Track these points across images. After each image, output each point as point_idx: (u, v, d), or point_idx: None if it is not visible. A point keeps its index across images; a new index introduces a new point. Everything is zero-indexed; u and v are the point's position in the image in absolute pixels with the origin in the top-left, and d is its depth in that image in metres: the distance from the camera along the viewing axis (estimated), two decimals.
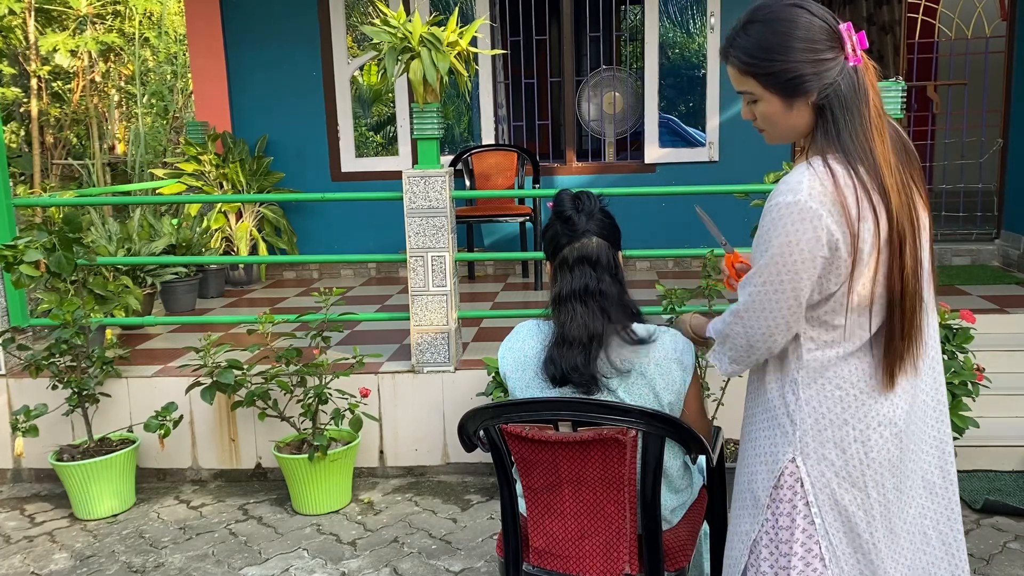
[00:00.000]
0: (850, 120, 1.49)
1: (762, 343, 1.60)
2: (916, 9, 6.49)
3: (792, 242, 1.48)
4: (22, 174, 9.55)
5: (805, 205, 1.47)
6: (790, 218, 1.48)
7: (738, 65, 1.56)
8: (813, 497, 1.59)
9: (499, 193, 4.93)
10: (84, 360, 3.77)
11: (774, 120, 1.58)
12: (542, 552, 1.99)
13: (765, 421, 1.67)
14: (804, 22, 1.50)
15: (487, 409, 1.94)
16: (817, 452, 1.59)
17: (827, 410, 1.59)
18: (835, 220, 1.47)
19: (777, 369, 1.65)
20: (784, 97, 1.53)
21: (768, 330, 1.58)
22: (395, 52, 3.70)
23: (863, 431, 1.58)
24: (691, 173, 6.10)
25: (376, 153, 8.18)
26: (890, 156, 1.51)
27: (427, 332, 3.89)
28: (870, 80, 1.53)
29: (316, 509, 3.64)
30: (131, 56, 10.06)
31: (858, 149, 1.49)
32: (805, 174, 1.49)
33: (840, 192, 1.47)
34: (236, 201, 5.90)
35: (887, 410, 1.59)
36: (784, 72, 1.51)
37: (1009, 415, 3.88)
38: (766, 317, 1.57)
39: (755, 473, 1.68)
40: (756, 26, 1.53)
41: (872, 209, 1.47)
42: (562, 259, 1.98)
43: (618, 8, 7.50)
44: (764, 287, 1.54)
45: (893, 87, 3.48)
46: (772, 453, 1.64)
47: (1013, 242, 5.77)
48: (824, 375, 1.59)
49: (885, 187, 1.48)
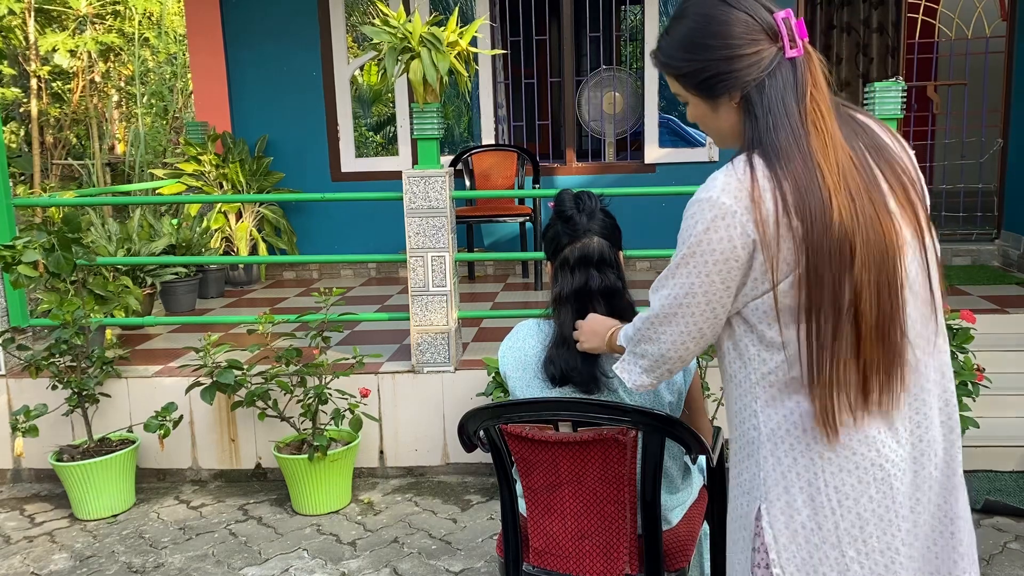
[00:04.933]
0: (774, 116, 1.34)
1: (674, 352, 1.47)
2: (916, 9, 6.49)
3: (703, 241, 1.35)
4: (22, 174, 9.55)
5: (717, 201, 1.33)
6: (701, 216, 1.35)
7: (660, 66, 1.46)
8: (776, 555, 1.37)
9: (499, 193, 4.93)
10: (84, 360, 3.77)
11: (704, 122, 1.47)
12: (542, 552, 1.99)
13: (736, 456, 1.49)
14: (720, 17, 1.36)
15: (487, 409, 1.94)
16: (782, 500, 1.37)
17: (790, 447, 1.37)
18: (751, 219, 1.31)
19: (739, 399, 1.45)
20: (705, 98, 1.42)
21: (680, 338, 1.44)
22: (395, 52, 3.70)
23: (835, 474, 1.34)
24: (691, 173, 6.10)
25: (376, 153, 8.18)
26: (835, 155, 1.32)
27: (427, 332, 3.89)
28: (812, 73, 1.36)
29: (316, 509, 3.64)
30: (131, 56, 10.06)
31: (786, 145, 1.32)
32: (722, 171, 1.36)
33: (756, 188, 1.31)
34: (236, 201, 5.90)
35: (866, 449, 1.34)
36: (699, 72, 1.39)
37: (1009, 415, 3.88)
38: (678, 323, 1.43)
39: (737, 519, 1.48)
40: (676, 24, 1.42)
41: (797, 209, 1.29)
42: (563, 259, 1.98)
43: (618, 8, 7.50)
44: (675, 290, 1.41)
45: (893, 87, 3.48)
46: (747, 504, 1.44)
47: (1013, 242, 5.77)
48: (785, 403, 1.38)
49: (822, 188, 1.29)
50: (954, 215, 6.26)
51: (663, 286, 1.44)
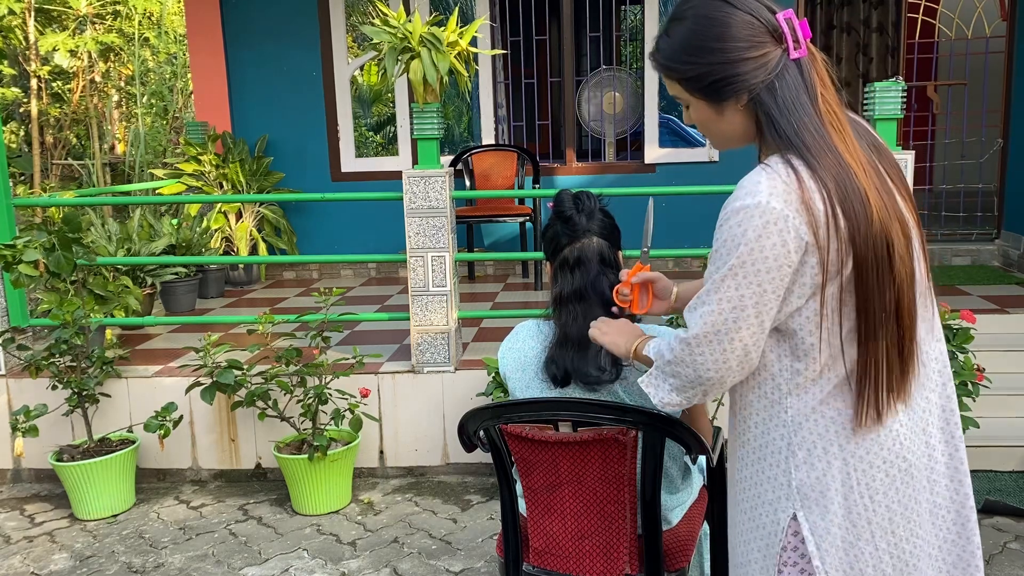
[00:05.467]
0: (796, 117, 1.32)
1: (715, 374, 1.38)
2: (916, 9, 6.49)
3: (755, 250, 1.28)
4: (22, 174, 9.55)
5: (767, 206, 1.28)
6: (749, 222, 1.28)
7: (660, 69, 1.42)
8: (819, 561, 1.37)
9: (499, 193, 4.93)
10: (84, 360, 3.77)
11: (707, 126, 1.44)
12: (542, 552, 1.99)
13: (755, 467, 1.46)
14: (722, 19, 1.33)
15: (487, 409, 1.94)
16: (820, 504, 1.37)
17: (823, 451, 1.37)
18: (804, 221, 1.28)
19: (761, 410, 1.43)
20: (710, 102, 1.39)
21: (723, 357, 1.36)
22: (395, 52, 3.70)
23: (866, 471, 1.36)
24: (691, 173, 6.10)
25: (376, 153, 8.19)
26: (859, 154, 1.33)
27: (427, 332, 3.89)
28: (818, 73, 1.35)
29: (316, 509, 3.64)
30: (131, 56, 10.06)
31: (816, 144, 1.31)
32: (763, 174, 1.31)
33: (805, 191, 1.28)
34: (236, 201, 5.90)
35: (891, 443, 1.37)
36: (705, 76, 1.35)
37: (1009, 415, 3.88)
38: (722, 342, 1.35)
39: (756, 529, 1.47)
40: (676, 26, 1.39)
41: (843, 208, 1.28)
42: (563, 259, 1.98)
43: (618, 8, 7.50)
44: (722, 304, 1.33)
45: (893, 87, 3.48)
46: (772, 512, 1.43)
47: (1013, 242, 5.77)
48: (818, 410, 1.38)
49: (859, 186, 1.29)
50: (954, 215, 6.26)
51: (705, 303, 1.36)
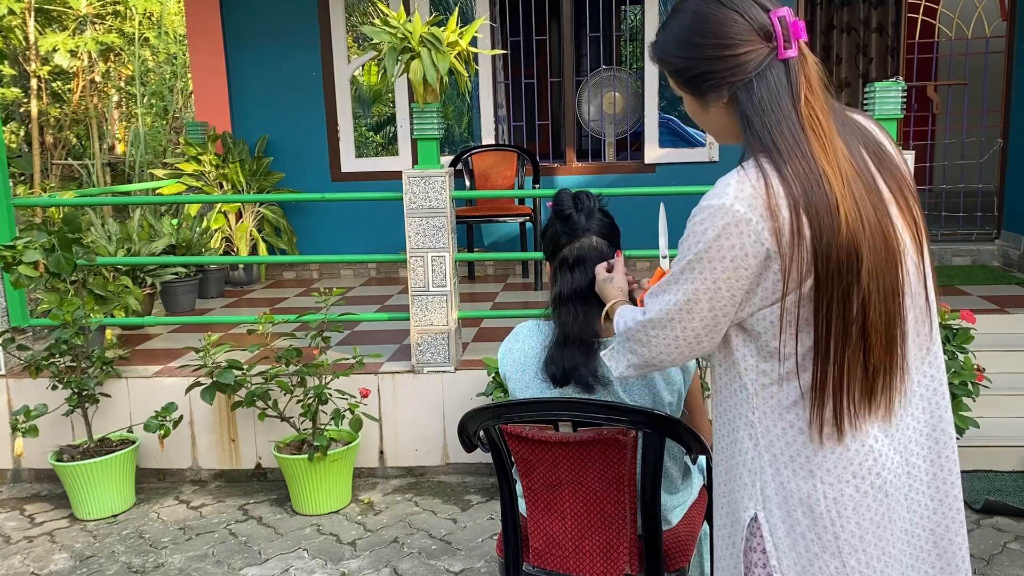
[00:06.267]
0: (771, 118, 1.31)
1: (665, 356, 1.44)
2: (916, 9, 6.49)
3: (712, 249, 1.31)
4: (22, 174, 9.55)
5: (730, 208, 1.29)
6: (711, 222, 1.31)
7: (656, 61, 1.46)
8: (776, 561, 1.37)
9: (499, 193, 4.92)
10: (84, 360, 3.77)
11: (698, 119, 1.47)
12: (542, 552, 1.99)
13: (726, 464, 1.47)
14: (710, 15, 1.34)
15: (487, 409, 1.94)
16: (782, 509, 1.37)
17: (789, 459, 1.36)
18: (767, 228, 1.28)
19: (731, 408, 1.44)
20: (694, 96, 1.42)
21: (675, 343, 1.41)
22: (395, 52, 3.70)
23: (834, 484, 1.34)
24: (691, 173, 6.10)
25: (376, 153, 8.19)
26: (840, 161, 1.30)
27: (427, 332, 3.89)
28: (807, 76, 1.33)
29: (316, 509, 3.64)
30: (131, 56, 10.06)
31: (788, 148, 1.30)
32: (734, 176, 1.33)
33: (772, 196, 1.28)
34: (236, 201, 5.90)
35: (863, 459, 1.34)
36: (688, 69, 1.39)
37: (1009, 415, 3.88)
38: (674, 328, 1.40)
39: (727, 527, 1.48)
40: (672, 20, 1.42)
41: (808, 216, 1.27)
42: (562, 259, 1.98)
43: (618, 8, 7.50)
44: (677, 295, 1.37)
45: (893, 87, 3.48)
46: (739, 511, 1.43)
47: (1013, 242, 5.77)
48: (784, 417, 1.37)
49: (830, 194, 1.27)
50: (954, 215, 6.26)
51: (664, 291, 1.41)
